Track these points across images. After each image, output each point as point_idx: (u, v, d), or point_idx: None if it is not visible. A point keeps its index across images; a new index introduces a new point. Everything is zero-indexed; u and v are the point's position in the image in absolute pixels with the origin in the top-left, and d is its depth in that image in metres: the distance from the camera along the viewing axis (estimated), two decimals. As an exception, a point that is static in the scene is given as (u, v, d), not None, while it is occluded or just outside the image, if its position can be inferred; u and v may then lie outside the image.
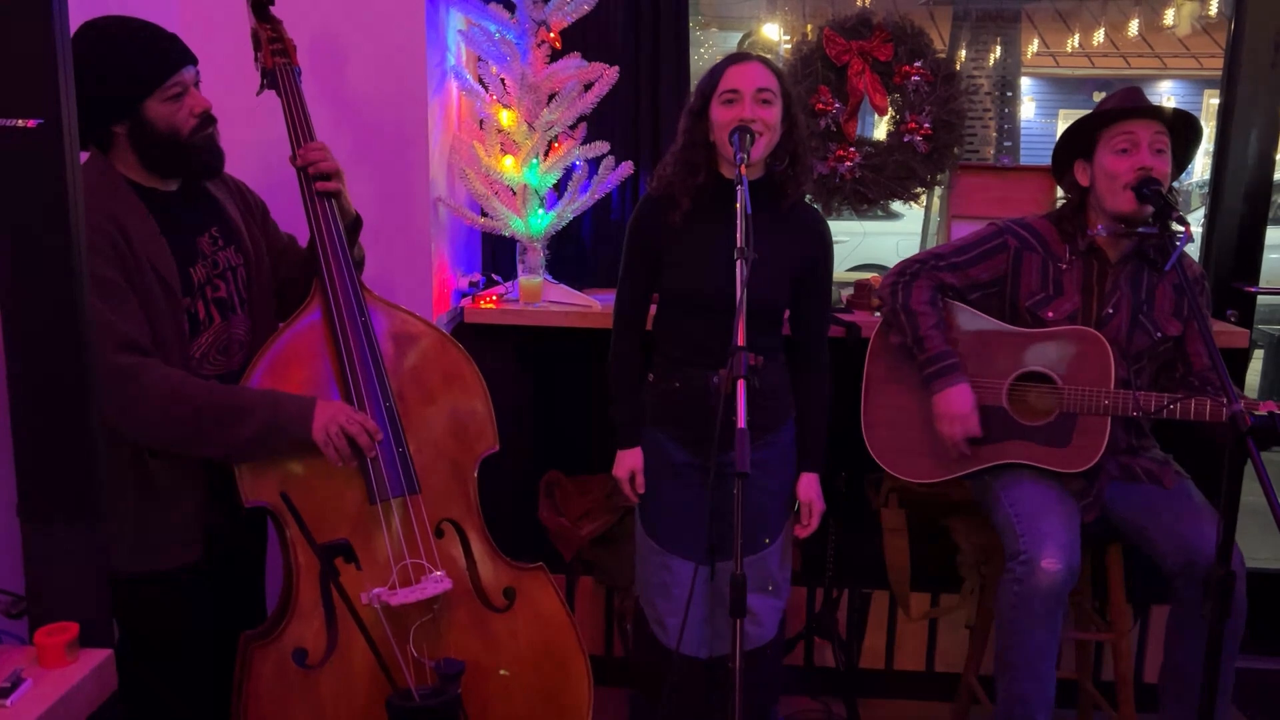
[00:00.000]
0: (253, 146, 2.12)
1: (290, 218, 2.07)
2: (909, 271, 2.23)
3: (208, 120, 1.78)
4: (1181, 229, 1.96)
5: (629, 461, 2.16)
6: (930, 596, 2.71)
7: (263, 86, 1.99)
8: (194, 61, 1.77)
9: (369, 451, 1.78)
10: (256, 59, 1.99)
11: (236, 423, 1.70)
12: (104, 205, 1.68)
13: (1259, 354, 4.75)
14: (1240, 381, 2.71)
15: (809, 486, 2.16)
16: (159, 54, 1.73)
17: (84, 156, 1.67)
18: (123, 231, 1.68)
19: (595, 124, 2.65)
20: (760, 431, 2.03)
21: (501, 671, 1.91)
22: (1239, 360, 2.69)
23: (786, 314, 2.18)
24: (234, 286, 1.88)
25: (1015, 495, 2.11)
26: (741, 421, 1.50)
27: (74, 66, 1.67)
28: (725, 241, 1.96)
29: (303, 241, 2.07)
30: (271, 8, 2.01)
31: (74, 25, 1.31)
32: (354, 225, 2.01)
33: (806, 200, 2.19)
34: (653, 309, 2.19)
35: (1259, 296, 2.83)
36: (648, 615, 2.19)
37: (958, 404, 2.14)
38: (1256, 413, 1.64)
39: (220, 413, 1.69)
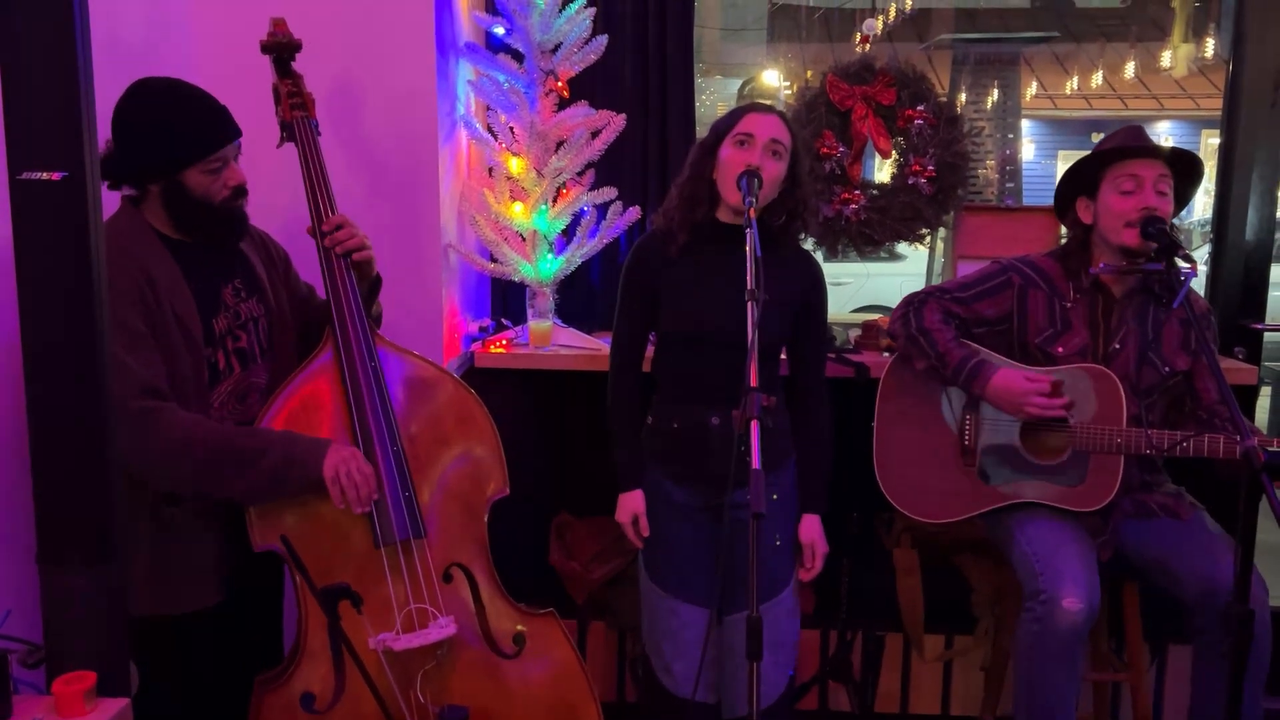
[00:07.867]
0: (267, 193, 2.14)
1: (306, 262, 2.09)
2: (916, 300, 2.25)
3: (240, 193, 1.83)
4: (1188, 266, 1.97)
5: (630, 505, 2.12)
6: (944, 638, 2.69)
7: (282, 139, 2.03)
8: (239, 135, 1.81)
9: (362, 506, 1.78)
10: (277, 112, 2.02)
11: (254, 460, 1.71)
12: (133, 254, 1.71)
13: (1267, 390, 4.74)
14: (1249, 418, 2.70)
15: (810, 528, 2.10)
16: (208, 128, 1.76)
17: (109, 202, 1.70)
18: (150, 281, 1.71)
19: (603, 170, 2.69)
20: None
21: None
22: (1248, 397, 2.69)
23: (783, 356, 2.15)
24: (255, 337, 1.90)
25: (1031, 534, 2.10)
26: (756, 462, 1.50)
27: (123, 123, 1.72)
28: (722, 279, 1.96)
29: (322, 293, 2.10)
30: (293, 64, 2.05)
31: (98, 68, 1.33)
32: (375, 285, 2.04)
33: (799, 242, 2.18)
34: (650, 351, 2.16)
35: (1265, 333, 2.84)
36: (653, 662, 2.12)
37: (1007, 385, 2.09)
38: (1270, 449, 1.63)
39: (237, 453, 1.71)
